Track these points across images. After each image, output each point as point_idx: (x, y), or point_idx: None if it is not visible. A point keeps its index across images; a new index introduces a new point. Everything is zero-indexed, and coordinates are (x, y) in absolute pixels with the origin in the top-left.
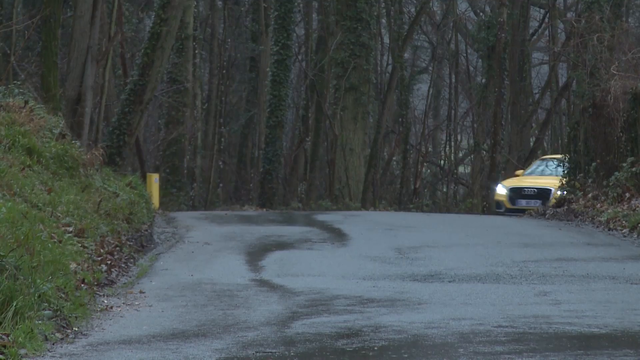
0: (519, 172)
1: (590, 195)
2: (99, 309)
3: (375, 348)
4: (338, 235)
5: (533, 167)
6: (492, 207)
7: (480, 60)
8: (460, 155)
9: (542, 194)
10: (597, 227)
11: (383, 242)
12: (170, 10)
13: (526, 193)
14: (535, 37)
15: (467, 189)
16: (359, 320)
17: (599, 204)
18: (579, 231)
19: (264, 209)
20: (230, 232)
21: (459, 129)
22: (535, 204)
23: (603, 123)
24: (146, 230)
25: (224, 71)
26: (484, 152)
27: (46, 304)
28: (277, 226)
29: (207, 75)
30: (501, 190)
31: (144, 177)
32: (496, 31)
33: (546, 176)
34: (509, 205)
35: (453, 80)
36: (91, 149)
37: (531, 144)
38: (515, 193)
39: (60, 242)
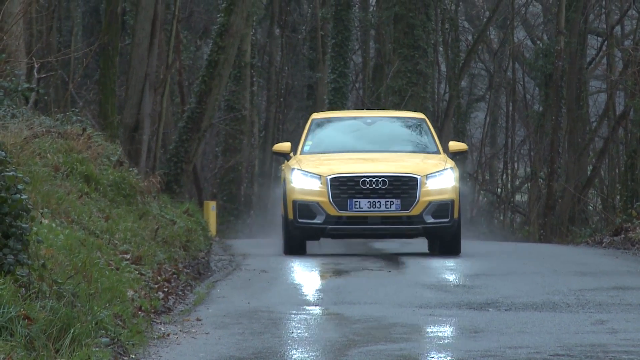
0: (283, 145)
1: None
2: (155, 337)
3: None
4: (395, 263)
5: (314, 134)
6: (290, 216)
7: (537, 88)
8: (517, 183)
9: (401, 187)
10: None
11: (439, 270)
12: (227, 38)
13: (368, 187)
14: (592, 65)
15: (524, 217)
16: (415, 349)
17: None
18: (636, 260)
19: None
20: (286, 260)
21: (515, 157)
22: (390, 206)
23: None
24: (203, 258)
25: (281, 99)
26: (541, 180)
27: (103, 331)
28: (334, 254)
29: (265, 103)
30: (310, 182)
31: (201, 205)
32: (553, 59)
33: (371, 152)
34: (335, 212)
35: (510, 108)
36: (149, 177)
37: (588, 172)
38: (346, 187)
39: (117, 269)
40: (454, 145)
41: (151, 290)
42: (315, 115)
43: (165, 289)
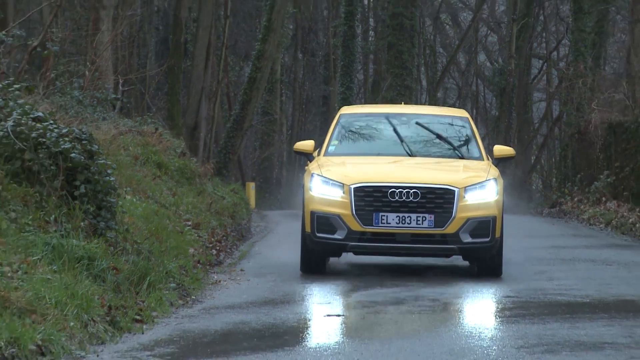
0: (305, 144)
1: (575, 199)
2: (210, 283)
3: (416, 311)
4: None
5: (341, 132)
6: (307, 229)
7: (494, 98)
8: None
9: (435, 200)
10: (581, 223)
11: None
12: (263, 60)
13: (397, 200)
14: (535, 80)
15: None
16: (404, 292)
17: (582, 206)
18: (567, 226)
19: None
20: None
21: None
22: (422, 222)
23: (586, 146)
24: (245, 224)
25: (303, 106)
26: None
27: (171, 279)
28: None
29: (290, 109)
30: (331, 191)
31: (243, 185)
32: (506, 76)
33: (404, 156)
34: (358, 227)
35: (474, 113)
36: (204, 164)
37: (532, 161)
38: (372, 199)
39: (181, 232)
40: (500, 149)
41: (207, 248)
42: (344, 110)
43: (217, 248)
